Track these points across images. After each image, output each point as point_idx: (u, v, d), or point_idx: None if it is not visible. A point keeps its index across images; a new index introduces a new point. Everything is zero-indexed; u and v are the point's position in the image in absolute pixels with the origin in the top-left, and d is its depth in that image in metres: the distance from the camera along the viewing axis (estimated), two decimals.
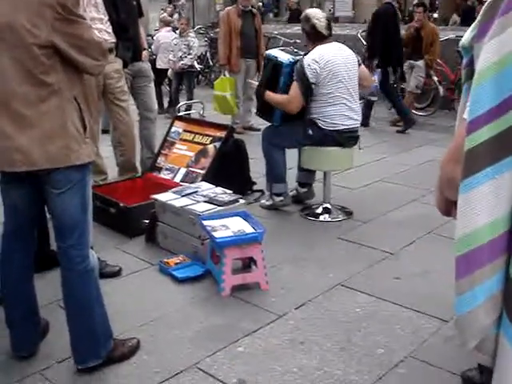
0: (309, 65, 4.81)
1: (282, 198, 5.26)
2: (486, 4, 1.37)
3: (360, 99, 5.36)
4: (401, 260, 4.27)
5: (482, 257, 1.33)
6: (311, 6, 32.34)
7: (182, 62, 9.66)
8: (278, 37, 12.41)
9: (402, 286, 3.85)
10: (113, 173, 5.86)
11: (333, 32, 5.14)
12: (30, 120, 2.57)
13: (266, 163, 5.30)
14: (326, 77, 4.83)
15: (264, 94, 5.07)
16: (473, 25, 1.45)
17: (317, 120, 4.93)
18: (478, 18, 1.41)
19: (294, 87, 4.88)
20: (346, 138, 5.02)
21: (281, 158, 5.20)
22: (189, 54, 9.73)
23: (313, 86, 4.84)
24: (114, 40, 5.23)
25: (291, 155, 5.34)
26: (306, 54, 4.98)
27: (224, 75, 8.45)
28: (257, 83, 5.42)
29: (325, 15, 5.13)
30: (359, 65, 5.16)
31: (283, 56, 5.05)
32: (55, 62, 2.56)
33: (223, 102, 8.25)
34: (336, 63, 4.87)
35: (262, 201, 5.44)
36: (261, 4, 24.33)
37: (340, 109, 4.91)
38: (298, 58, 5.01)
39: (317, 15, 5.03)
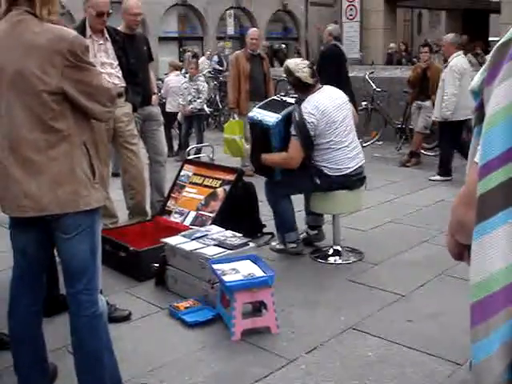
0: (307, 119, 4.77)
1: (295, 245, 5.20)
2: (495, 48, 1.39)
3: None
4: (412, 302, 4.22)
5: (496, 303, 1.32)
6: (319, 49, 32.73)
7: (191, 106, 9.75)
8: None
9: (414, 329, 3.80)
10: (123, 216, 5.88)
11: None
12: (39, 165, 2.59)
13: (274, 214, 5.25)
14: (324, 128, 4.81)
15: (260, 159, 5.02)
16: (482, 69, 1.46)
17: (322, 167, 4.91)
18: (487, 62, 1.42)
19: (294, 144, 4.82)
20: (354, 181, 5.02)
21: (289, 207, 5.15)
22: (198, 98, 9.82)
23: (313, 138, 4.82)
24: (123, 84, 5.32)
25: (297, 197, 5.33)
26: (298, 103, 4.94)
27: (233, 118, 8.52)
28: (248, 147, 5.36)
29: (306, 63, 5.05)
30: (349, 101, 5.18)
31: (268, 117, 4.94)
32: (65, 108, 2.59)
33: (233, 145, 8.29)
34: (331, 111, 4.85)
35: (273, 243, 5.40)
36: (284, 46, 24.67)
37: (342, 153, 4.90)
38: (286, 111, 4.92)
39: (298, 66, 4.95)
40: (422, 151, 9.57)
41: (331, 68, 8.39)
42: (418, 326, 3.85)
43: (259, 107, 5.16)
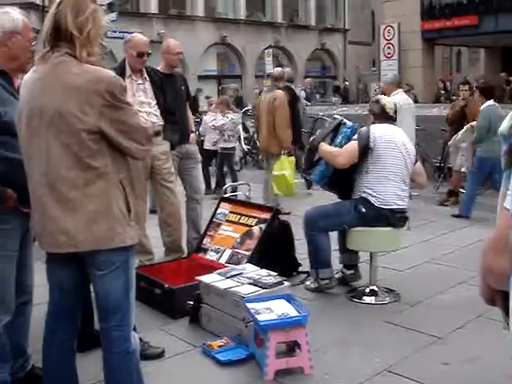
0: (371, 132, 4.93)
1: (327, 281, 5.18)
2: None
3: None
4: (449, 345, 4.14)
5: None
6: (357, 88, 32.88)
7: (219, 145, 9.90)
8: (324, 118, 12.59)
9: (450, 373, 3.73)
10: (160, 253, 5.92)
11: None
12: (75, 202, 2.64)
13: (309, 248, 5.22)
14: (383, 149, 4.90)
15: (319, 145, 5.13)
16: (510, 114, 1.46)
17: (368, 196, 4.91)
18: None
19: (352, 144, 4.96)
20: (398, 219, 5.00)
21: (326, 243, 5.14)
22: (223, 136, 9.89)
23: (369, 150, 4.89)
24: (161, 123, 5.41)
25: (332, 236, 5.30)
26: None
27: (284, 155, 8.33)
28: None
29: (393, 101, 5.40)
30: (416, 161, 5.26)
31: (349, 123, 5.24)
32: (102, 146, 2.65)
33: (282, 182, 7.97)
34: (395, 142, 4.97)
35: (307, 283, 5.37)
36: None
37: (394, 187, 4.93)
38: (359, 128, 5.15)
39: (386, 99, 5.32)
40: (461, 190, 9.46)
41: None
42: (455, 369, 3.77)
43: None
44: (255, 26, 33.42)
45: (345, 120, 5.26)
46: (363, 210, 4.92)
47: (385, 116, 5.12)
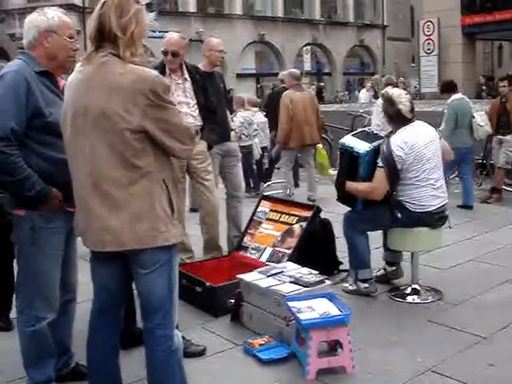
0: (395, 151, 4.71)
1: (367, 285, 5.07)
2: None
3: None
4: (495, 345, 4.07)
5: None
6: (397, 84, 32.56)
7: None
8: (364, 115, 12.51)
9: (496, 374, 3.66)
10: (200, 250, 5.95)
11: (419, 109, 5.06)
12: (119, 201, 2.66)
13: (348, 249, 5.16)
14: (411, 162, 4.73)
15: (345, 185, 4.96)
16: None
17: (404, 202, 4.83)
18: None
19: (380, 174, 4.76)
20: (436, 219, 4.92)
21: (365, 244, 5.06)
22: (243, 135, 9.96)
23: (399, 171, 4.75)
24: (199, 123, 5.41)
25: (377, 233, 5.27)
26: (387, 136, 4.91)
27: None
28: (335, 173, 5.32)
29: (409, 98, 4.95)
30: (440, 138, 5.10)
31: (360, 145, 4.89)
32: (146, 145, 2.67)
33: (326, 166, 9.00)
34: (420, 146, 4.77)
35: (345, 284, 5.25)
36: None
37: (426, 190, 4.81)
38: (377, 143, 4.88)
39: (401, 99, 4.86)
40: (504, 187, 9.31)
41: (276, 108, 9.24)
42: (501, 370, 3.70)
43: (352, 135, 5.15)
44: (293, 24, 33.37)
45: (356, 147, 4.87)
46: (398, 215, 4.84)
47: (402, 120, 4.86)
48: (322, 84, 29.19)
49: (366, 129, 5.43)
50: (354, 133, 5.27)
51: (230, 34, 28.61)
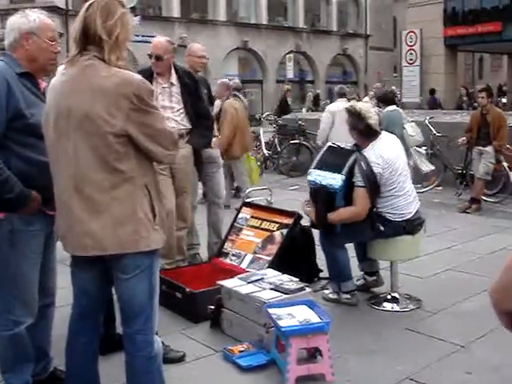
0: (373, 168, 4.70)
1: (349, 297, 5.07)
2: None
3: None
4: (472, 353, 4.10)
5: None
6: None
7: None
8: None
9: (473, 382, 3.69)
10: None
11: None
12: (101, 205, 2.64)
13: (328, 262, 5.12)
14: (388, 177, 4.76)
15: (327, 220, 4.83)
16: None
17: (385, 214, 4.85)
18: None
19: (361, 194, 4.72)
20: (415, 225, 4.96)
21: (345, 256, 5.03)
22: None
23: (379, 187, 4.76)
24: (182, 127, 5.36)
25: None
26: (358, 151, 4.86)
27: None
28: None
29: (376, 110, 4.97)
30: None
31: (332, 180, 4.74)
32: (129, 150, 2.65)
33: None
34: (393, 158, 4.81)
35: (326, 292, 5.25)
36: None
37: (404, 198, 4.86)
38: (346, 167, 4.74)
39: (369, 113, 4.84)
40: (483, 197, 9.39)
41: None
42: (478, 378, 3.73)
43: (317, 168, 4.96)
44: (277, 31, 33.48)
45: (329, 183, 4.73)
46: (381, 228, 4.85)
47: (373, 134, 4.86)
48: (318, 91, 29.30)
49: (331, 144, 5.27)
50: (317, 162, 5.07)
51: (214, 40, 28.64)
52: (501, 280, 1.34)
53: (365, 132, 4.87)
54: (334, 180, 4.74)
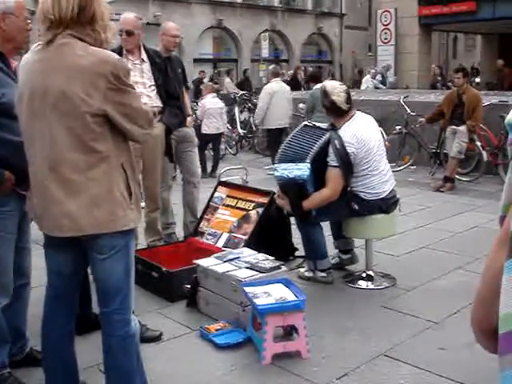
0: (347, 148, 4.72)
1: (324, 275, 5.12)
2: None
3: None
4: (445, 330, 4.17)
5: None
6: (353, 72, 32.81)
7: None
8: None
9: (447, 357, 3.75)
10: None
11: (375, 98, 5.10)
12: (78, 185, 2.62)
13: (304, 241, 5.17)
14: (363, 156, 4.78)
15: (303, 209, 4.85)
16: None
17: (359, 193, 4.88)
18: None
19: (334, 174, 4.74)
20: (390, 204, 5.00)
21: (321, 234, 5.08)
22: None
23: (352, 166, 4.78)
24: (155, 104, 5.34)
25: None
26: (333, 129, 4.89)
27: None
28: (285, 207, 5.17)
29: (344, 88, 4.96)
30: None
31: (299, 170, 4.73)
32: (105, 129, 2.63)
33: None
34: (368, 138, 4.83)
35: (301, 270, 5.30)
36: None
37: (378, 177, 4.89)
38: (312, 153, 4.78)
39: (335, 90, 4.88)
40: (457, 176, 9.49)
41: None
42: (451, 354, 3.79)
43: (281, 161, 4.96)
44: (251, 10, 33.20)
45: (297, 175, 4.72)
46: (356, 206, 4.88)
47: (339, 111, 4.88)
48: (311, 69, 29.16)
49: (306, 123, 5.32)
50: (282, 153, 5.05)
51: (188, 19, 28.33)
52: (477, 294, 1.35)
53: (330, 108, 4.93)
54: (301, 171, 4.74)
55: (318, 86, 9.55)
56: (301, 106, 10.56)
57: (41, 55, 2.66)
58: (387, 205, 4.96)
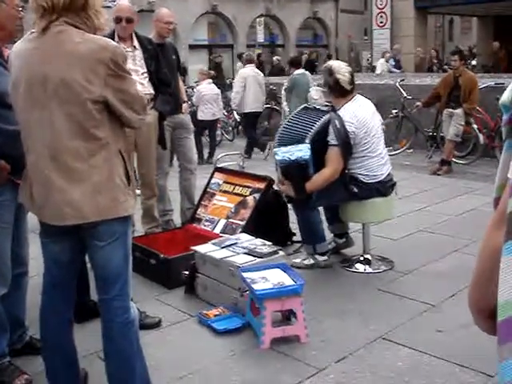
0: (347, 127, 4.73)
1: (326, 258, 5.12)
2: None
3: None
4: (443, 312, 4.19)
5: None
6: (349, 56, 32.72)
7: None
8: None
9: (444, 339, 3.77)
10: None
11: (371, 81, 5.10)
12: (80, 173, 2.61)
13: (301, 225, 5.16)
14: (362, 137, 4.79)
15: (306, 191, 4.81)
16: (511, 85, 1.44)
17: (358, 175, 4.88)
18: None
19: (334, 154, 4.73)
20: (388, 187, 5.01)
21: (318, 218, 5.09)
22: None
23: (352, 147, 4.79)
24: (147, 91, 5.32)
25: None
26: (333, 110, 4.89)
27: None
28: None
29: (349, 69, 4.96)
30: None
31: (300, 152, 4.71)
32: (104, 116, 2.63)
33: None
34: (368, 119, 4.85)
35: (297, 260, 5.16)
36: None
37: (376, 160, 4.90)
38: (311, 133, 4.75)
39: (341, 69, 4.90)
40: (454, 159, 9.49)
41: None
42: (449, 336, 3.82)
43: (280, 144, 4.93)
44: None
45: (298, 156, 4.69)
46: (355, 189, 4.87)
47: (341, 90, 4.88)
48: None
49: (306, 105, 5.37)
50: (280, 135, 5.05)
51: (183, 5, 28.17)
52: (473, 274, 1.35)
53: (333, 88, 4.92)
54: (302, 151, 4.72)
55: (298, 71, 10.27)
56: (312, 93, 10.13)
57: (36, 43, 2.64)
58: (385, 188, 4.98)
